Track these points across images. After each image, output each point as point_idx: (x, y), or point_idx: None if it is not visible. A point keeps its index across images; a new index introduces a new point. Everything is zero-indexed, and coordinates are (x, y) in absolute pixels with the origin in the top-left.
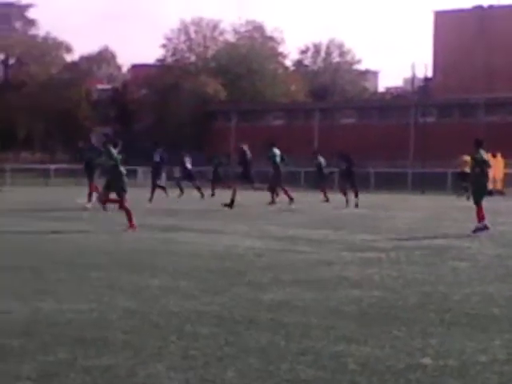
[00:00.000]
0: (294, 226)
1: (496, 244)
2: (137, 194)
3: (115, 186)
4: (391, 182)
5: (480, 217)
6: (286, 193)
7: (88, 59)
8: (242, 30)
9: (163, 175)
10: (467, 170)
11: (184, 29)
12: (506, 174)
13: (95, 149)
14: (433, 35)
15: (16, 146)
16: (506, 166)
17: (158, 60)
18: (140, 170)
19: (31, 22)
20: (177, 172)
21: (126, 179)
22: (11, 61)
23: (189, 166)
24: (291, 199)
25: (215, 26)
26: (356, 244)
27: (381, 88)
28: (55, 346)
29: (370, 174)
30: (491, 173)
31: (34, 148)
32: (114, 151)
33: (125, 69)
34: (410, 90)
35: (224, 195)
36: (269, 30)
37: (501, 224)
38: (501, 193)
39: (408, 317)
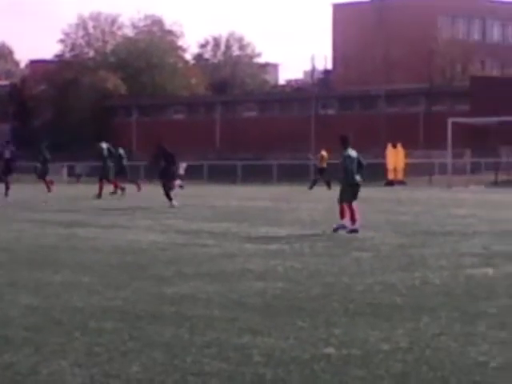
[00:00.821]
0: (198, 219)
1: (398, 234)
2: (39, 189)
3: None
4: (293, 175)
5: (342, 215)
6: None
7: None
8: (141, 24)
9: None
10: (324, 165)
11: (82, 24)
12: (406, 164)
13: None
14: (332, 28)
15: None
16: (406, 156)
17: (57, 55)
18: (39, 166)
19: None
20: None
21: None
22: None
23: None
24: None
25: (114, 21)
26: (259, 236)
27: (281, 81)
28: None
29: (272, 166)
30: (391, 164)
31: None
32: None
33: (23, 64)
34: (311, 82)
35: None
36: (168, 23)
37: (403, 214)
38: (402, 183)
39: (312, 308)
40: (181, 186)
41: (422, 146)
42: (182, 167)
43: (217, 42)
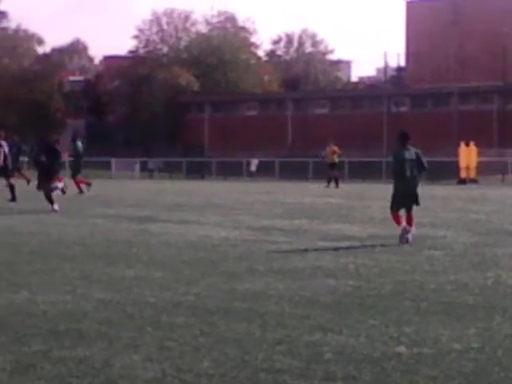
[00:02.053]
0: (269, 216)
1: (471, 232)
2: (112, 185)
3: None
4: (365, 172)
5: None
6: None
7: (60, 51)
8: (214, 20)
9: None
10: (336, 159)
11: (156, 20)
12: (479, 163)
13: None
14: (405, 24)
15: None
16: (479, 154)
17: (131, 51)
18: (113, 161)
19: (2, 14)
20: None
21: None
22: None
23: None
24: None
25: (187, 17)
26: (331, 234)
27: (354, 78)
28: (30, 338)
29: (343, 163)
30: (464, 162)
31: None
32: None
33: (97, 60)
34: (383, 79)
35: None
36: (241, 20)
37: (475, 212)
38: (474, 181)
39: (383, 306)
40: (63, 191)
41: (496, 145)
42: (253, 164)
43: (290, 39)
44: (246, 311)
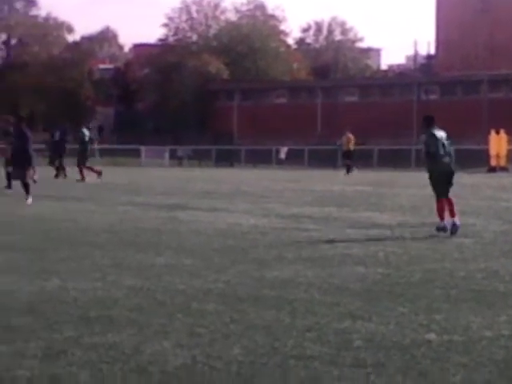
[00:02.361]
0: (299, 204)
1: (501, 220)
2: (141, 173)
3: None
4: (395, 160)
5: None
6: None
7: (90, 39)
8: (244, 8)
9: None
10: (351, 147)
11: (186, 8)
12: (509, 151)
13: None
14: (435, 12)
15: None
16: (509, 142)
17: (160, 39)
18: (143, 149)
19: (32, 3)
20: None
21: None
22: (13, 41)
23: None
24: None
25: (217, 5)
26: (360, 221)
27: (383, 66)
28: (61, 324)
29: (373, 151)
30: (494, 150)
31: (37, 128)
32: None
33: (127, 48)
34: (413, 67)
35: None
36: (270, 8)
37: (505, 200)
38: (504, 169)
39: (413, 293)
40: (34, 181)
41: None
42: (283, 151)
43: (319, 27)
44: (275, 298)
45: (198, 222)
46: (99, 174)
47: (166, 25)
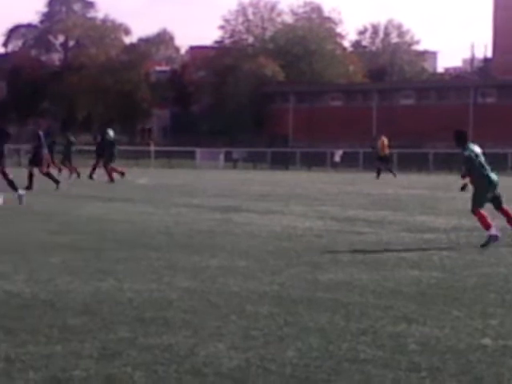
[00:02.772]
0: (353, 206)
1: None
2: (196, 175)
3: None
4: (451, 163)
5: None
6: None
7: (146, 41)
8: (300, 10)
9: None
10: (386, 152)
11: (242, 10)
12: None
13: None
14: (492, 15)
15: (76, 128)
16: None
17: (216, 42)
18: (198, 151)
19: (90, 5)
20: None
21: None
22: (71, 43)
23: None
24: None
25: (273, 8)
26: (415, 225)
27: (439, 69)
28: (116, 325)
29: (428, 154)
30: None
31: (93, 130)
32: None
33: (183, 50)
34: (470, 70)
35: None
36: (327, 10)
37: None
38: None
39: (468, 298)
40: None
41: None
42: (338, 154)
43: (375, 29)
44: (329, 301)
45: (253, 225)
46: (122, 174)
47: (222, 27)
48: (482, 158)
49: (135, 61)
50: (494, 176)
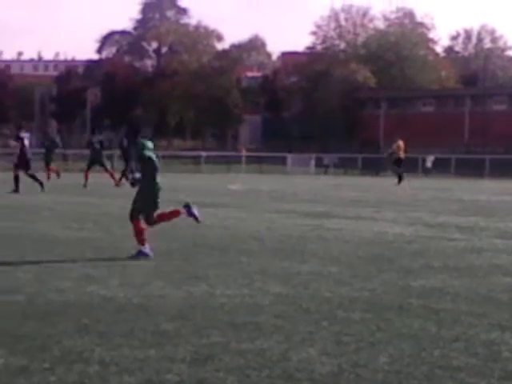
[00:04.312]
0: (445, 213)
1: None
2: (287, 180)
3: None
4: None
5: None
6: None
7: (238, 47)
8: (392, 16)
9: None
10: (402, 155)
11: (334, 16)
12: None
13: None
14: None
15: (168, 134)
16: None
17: (308, 47)
18: (289, 156)
19: (183, 11)
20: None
21: None
22: (163, 49)
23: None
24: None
25: (365, 13)
26: (508, 231)
27: None
28: (209, 330)
29: None
30: None
31: (186, 135)
32: None
33: (274, 56)
34: None
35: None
36: (419, 16)
37: None
38: None
39: None
40: None
41: None
42: (429, 160)
43: (468, 35)
44: (421, 308)
45: (344, 230)
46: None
47: (314, 33)
48: None
49: (227, 67)
50: None
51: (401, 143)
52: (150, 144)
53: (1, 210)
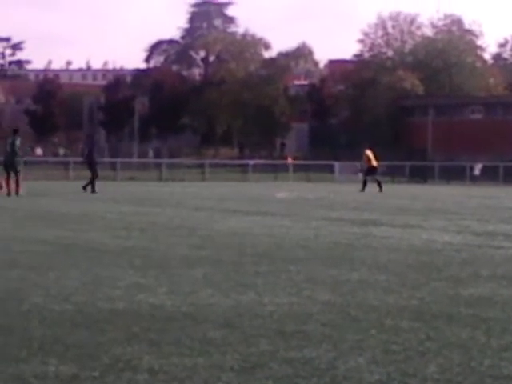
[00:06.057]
0: (494, 221)
1: None
2: (334, 189)
3: None
4: None
5: None
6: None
7: (286, 55)
8: (440, 23)
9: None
10: (374, 163)
11: (381, 23)
12: None
13: None
14: None
15: (215, 142)
16: None
17: (355, 55)
18: (336, 164)
19: (230, 20)
20: None
21: None
22: (211, 58)
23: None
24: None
25: (413, 21)
26: None
27: None
28: (257, 338)
29: None
30: None
31: (233, 143)
32: None
33: (322, 64)
34: None
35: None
36: (467, 23)
37: None
38: None
39: None
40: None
41: None
42: (477, 168)
43: None
44: (470, 317)
45: (392, 238)
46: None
47: (361, 40)
48: None
49: (274, 75)
50: None
51: (368, 152)
52: None
53: (53, 218)
